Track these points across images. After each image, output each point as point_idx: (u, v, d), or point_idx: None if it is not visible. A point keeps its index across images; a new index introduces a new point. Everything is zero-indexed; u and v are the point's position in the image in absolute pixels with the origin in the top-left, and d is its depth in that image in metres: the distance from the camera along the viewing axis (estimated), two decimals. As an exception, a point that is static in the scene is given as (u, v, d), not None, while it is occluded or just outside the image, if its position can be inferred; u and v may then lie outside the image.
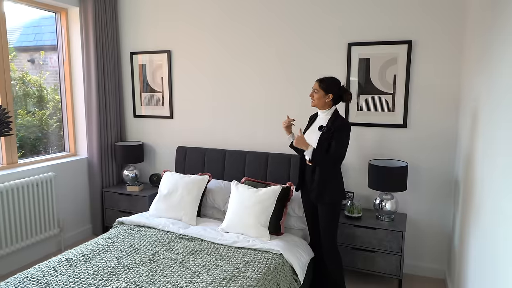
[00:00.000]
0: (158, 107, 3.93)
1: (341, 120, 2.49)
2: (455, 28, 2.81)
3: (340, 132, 2.42)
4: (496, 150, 1.71)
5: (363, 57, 3.09)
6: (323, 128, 2.47)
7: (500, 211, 1.56)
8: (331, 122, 2.46)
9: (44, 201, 3.34)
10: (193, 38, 3.67)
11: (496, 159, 1.70)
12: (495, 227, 1.63)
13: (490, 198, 1.78)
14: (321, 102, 2.48)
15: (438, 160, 2.98)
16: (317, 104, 2.50)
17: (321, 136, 2.44)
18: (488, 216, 1.78)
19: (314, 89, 2.50)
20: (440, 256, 3.07)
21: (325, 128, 2.46)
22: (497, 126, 1.73)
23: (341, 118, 2.50)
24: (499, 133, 1.67)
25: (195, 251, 2.45)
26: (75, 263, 2.23)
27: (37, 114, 3.69)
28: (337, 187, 2.51)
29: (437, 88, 2.92)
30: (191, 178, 3.11)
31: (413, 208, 3.09)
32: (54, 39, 3.75)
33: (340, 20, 3.12)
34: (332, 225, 2.54)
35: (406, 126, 3.03)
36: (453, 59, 2.85)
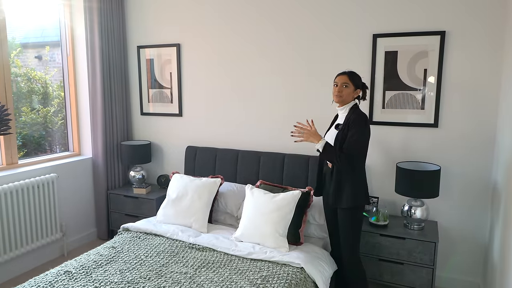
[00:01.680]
0: (167, 104, 3.70)
1: (357, 113, 2.23)
2: (495, 16, 2.53)
3: (354, 125, 2.16)
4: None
5: (389, 49, 2.82)
6: (340, 126, 2.24)
7: None
8: (347, 119, 2.22)
9: (45, 204, 3.14)
10: (204, 30, 3.42)
11: None
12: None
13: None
14: (349, 98, 2.25)
15: (474, 164, 2.70)
16: (345, 100, 2.24)
17: (337, 136, 2.22)
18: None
19: (344, 83, 2.23)
20: (475, 269, 2.80)
21: (341, 125, 2.23)
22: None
23: (358, 111, 2.25)
24: None
25: (207, 264, 2.22)
26: (74, 277, 2.02)
27: (41, 112, 3.50)
28: (356, 190, 2.22)
29: (474, 84, 2.64)
30: (202, 182, 2.88)
31: (444, 215, 2.82)
32: (58, 34, 3.54)
33: (364, 9, 2.85)
34: (352, 233, 2.29)
35: (437, 126, 2.76)
36: (493, 51, 2.56)
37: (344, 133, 2.17)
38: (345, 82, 2.23)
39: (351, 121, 2.16)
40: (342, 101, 2.25)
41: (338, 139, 2.20)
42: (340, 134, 2.19)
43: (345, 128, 2.17)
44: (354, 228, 2.29)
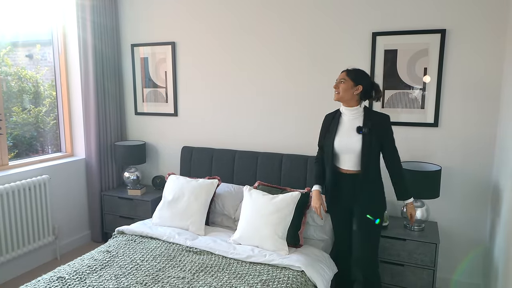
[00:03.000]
0: (162, 103, 3.63)
1: (380, 114, 2.17)
2: (496, 15, 2.50)
3: (389, 128, 2.15)
4: None
5: (389, 48, 2.78)
6: (364, 129, 2.11)
7: None
8: (369, 121, 2.12)
9: (37, 207, 3.06)
10: (200, 28, 3.35)
11: None
12: None
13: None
14: (348, 94, 2.13)
15: (474, 164, 2.67)
16: (342, 96, 2.14)
17: (365, 140, 2.10)
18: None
19: (341, 79, 2.15)
20: (475, 270, 2.77)
21: (366, 129, 2.10)
22: None
23: (377, 112, 2.20)
24: None
25: (205, 268, 2.16)
26: (67, 284, 1.94)
27: (32, 112, 3.41)
28: (382, 190, 2.24)
29: (474, 83, 2.61)
30: (199, 183, 2.81)
31: (444, 216, 2.79)
32: (50, 31, 3.45)
33: (364, 7, 2.81)
34: (376, 234, 2.25)
35: (437, 125, 2.72)
36: (494, 50, 2.53)
37: (372, 137, 2.09)
38: (342, 78, 2.15)
39: (382, 125, 2.12)
40: (341, 97, 2.15)
41: (367, 144, 2.10)
42: (368, 139, 2.10)
43: (373, 131, 2.10)
44: (379, 229, 2.25)
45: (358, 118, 2.16)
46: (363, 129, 2.11)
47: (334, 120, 2.25)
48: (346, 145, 2.15)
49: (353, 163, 2.16)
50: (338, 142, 2.17)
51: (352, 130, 2.15)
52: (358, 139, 2.12)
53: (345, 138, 2.17)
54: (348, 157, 2.17)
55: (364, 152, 2.10)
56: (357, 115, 2.16)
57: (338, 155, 2.20)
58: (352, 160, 2.16)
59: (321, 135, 2.35)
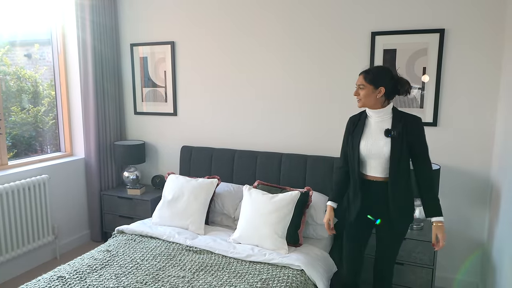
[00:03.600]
0: (161, 103, 3.63)
1: (411, 116, 1.96)
2: (495, 14, 2.51)
3: (421, 131, 1.95)
4: None
5: (388, 47, 2.79)
6: (393, 132, 1.90)
7: None
8: (399, 123, 1.92)
9: (37, 206, 3.06)
10: (199, 27, 3.36)
11: None
12: None
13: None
14: (371, 100, 1.93)
15: (473, 163, 2.68)
16: (365, 103, 1.95)
17: (394, 144, 1.90)
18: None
19: (359, 85, 1.95)
20: (473, 268, 2.78)
21: (395, 132, 1.90)
22: None
23: (407, 114, 1.98)
24: None
25: (205, 267, 2.16)
26: (68, 283, 1.95)
27: (31, 111, 3.40)
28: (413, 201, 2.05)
29: (473, 82, 2.62)
30: (198, 182, 2.82)
31: (443, 214, 2.79)
32: (49, 31, 3.45)
33: (363, 6, 2.81)
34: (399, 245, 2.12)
35: (436, 125, 2.74)
36: (493, 49, 2.54)
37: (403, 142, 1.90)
38: (360, 83, 1.95)
39: (413, 129, 1.92)
40: (364, 104, 1.97)
41: (397, 148, 1.90)
42: (398, 144, 1.90)
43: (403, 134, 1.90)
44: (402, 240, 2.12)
45: (387, 120, 1.96)
46: (392, 132, 1.91)
47: (360, 123, 2.05)
48: (374, 149, 1.95)
49: (382, 169, 1.97)
50: (364, 146, 1.98)
51: (380, 133, 1.95)
52: (387, 143, 1.92)
53: (372, 141, 1.97)
54: (375, 163, 1.98)
55: (394, 157, 1.90)
56: (385, 116, 1.97)
57: (364, 160, 2.01)
58: (380, 166, 1.97)
59: (344, 140, 2.14)
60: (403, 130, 1.90)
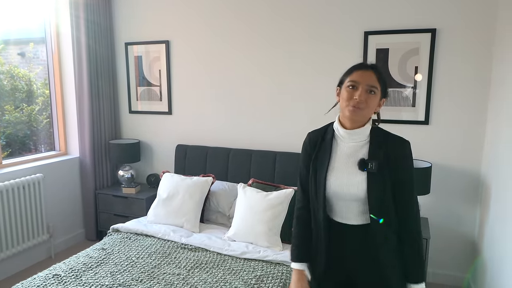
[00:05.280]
0: (156, 102, 3.64)
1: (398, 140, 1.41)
2: (486, 15, 2.55)
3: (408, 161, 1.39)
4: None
5: (381, 47, 2.82)
6: (371, 164, 1.34)
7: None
8: (379, 149, 1.37)
9: (32, 205, 3.05)
10: (194, 27, 3.37)
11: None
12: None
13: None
14: (372, 111, 1.38)
15: (464, 161, 2.73)
16: (366, 114, 1.37)
17: (372, 180, 1.34)
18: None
19: (371, 88, 1.33)
20: (464, 264, 2.83)
21: (373, 164, 1.34)
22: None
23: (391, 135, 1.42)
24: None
25: (200, 264, 2.19)
26: (63, 281, 1.96)
27: (25, 110, 3.39)
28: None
29: (465, 82, 2.66)
30: (193, 181, 2.84)
31: (435, 212, 2.84)
32: (43, 30, 3.44)
33: (356, 6, 2.85)
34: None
35: (428, 123, 2.78)
36: (483, 49, 2.59)
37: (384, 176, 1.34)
38: (373, 85, 1.34)
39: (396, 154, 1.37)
40: (364, 116, 1.37)
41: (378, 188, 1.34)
42: (378, 180, 1.34)
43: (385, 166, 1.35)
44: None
45: (363, 144, 1.41)
46: (370, 164, 1.35)
47: (324, 146, 1.46)
48: (343, 187, 1.38)
49: (357, 213, 1.41)
50: (334, 183, 1.40)
51: (353, 164, 1.39)
52: (362, 179, 1.36)
53: (341, 176, 1.40)
54: (347, 205, 1.41)
55: (372, 200, 1.34)
56: (361, 140, 1.41)
57: (332, 201, 1.43)
58: (355, 210, 1.40)
59: (302, 168, 1.52)
60: (384, 160, 1.35)
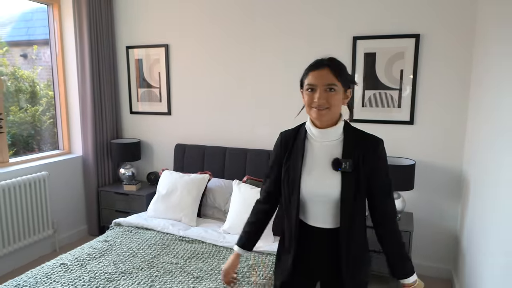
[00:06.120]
0: (156, 103, 3.80)
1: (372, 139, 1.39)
2: (466, 20, 2.71)
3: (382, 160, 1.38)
4: (507, 147, 1.61)
5: (368, 51, 2.98)
6: (345, 164, 1.32)
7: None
8: (353, 148, 1.35)
9: (37, 202, 3.21)
10: (192, 31, 3.53)
11: (505, 157, 1.61)
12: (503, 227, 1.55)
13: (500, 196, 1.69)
14: (339, 107, 1.36)
15: (446, 158, 2.89)
16: (333, 112, 1.33)
17: (346, 180, 1.33)
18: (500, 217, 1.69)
19: (329, 87, 1.31)
20: (447, 256, 2.99)
21: (348, 163, 1.32)
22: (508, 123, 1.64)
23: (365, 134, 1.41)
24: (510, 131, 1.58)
25: (197, 254, 2.35)
26: (69, 269, 2.12)
27: (29, 111, 3.55)
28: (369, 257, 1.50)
29: (447, 84, 2.82)
30: (191, 178, 3.00)
31: (419, 207, 3.00)
32: (47, 33, 3.60)
33: (345, 12, 3.00)
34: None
35: (413, 123, 2.94)
36: (464, 53, 2.74)
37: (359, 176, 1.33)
38: (331, 82, 1.31)
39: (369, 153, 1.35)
40: (332, 116, 1.34)
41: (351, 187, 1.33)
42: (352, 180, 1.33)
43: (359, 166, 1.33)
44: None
45: (336, 144, 1.37)
46: (344, 164, 1.32)
47: (297, 145, 1.44)
48: (317, 188, 1.37)
49: (329, 215, 1.39)
50: (308, 183, 1.38)
51: (327, 164, 1.36)
52: (337, 180, 1.34)
53: (316, 177, 1.38)
54: (319, 208, 1.40)
55: (346, 199, 1.34)
56: (334, 139, 1.38)
57: (306, 203, 1.42)
58: (326, 213, 1.39)
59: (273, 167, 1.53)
60: (359, 160, 1.34)
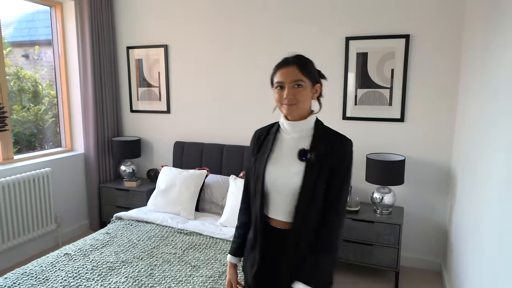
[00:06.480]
0: (155, 102, 3.91)
1: (341, 138, 1.38)
2: (454, 21, 2.81)
3: (346, 161, 1.36)
4: (494, 145, 1.72)
5: (360, 51, 3.09)
6: (310, 155, 1.33)
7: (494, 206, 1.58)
8: (321, 142, 1.35)
9: (41, 197, 3.32)
10: (190, 32, 3.64)
11: (492, 154, 1.71)
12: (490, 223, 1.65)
13: (487, 192, 1.79)
14: (308, 103, 1.38)
15: (436, 154, 2.99)
16: (302, 107, 1.36)
17: (308, 170, 1.32)
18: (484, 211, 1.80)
19: (296, 82, 1.33)
20: (436, 249, 3.10)
21: (313, 154, 1.33)
22: (494, 121, 1.74)
23: (335, 133, 1.40)
24: (496, 129, 1.68)
25: (194, 246, 2.45)
26: (73, 258, 2.23)
27: (32, 110, 3.66)
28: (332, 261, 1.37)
29: (435, 82, 2.93)
30: (189, 173, 3.10)
31: (410, 201, 3.11)
32: (49, 33, 3.71)
33: (338, 14, 3.11)
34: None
35: (403, 120, 3.04)
36: (452, 53, 2.85)
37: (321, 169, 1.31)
38: (297, 78, 1.33)
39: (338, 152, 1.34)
40: (300, 111, 1.37)
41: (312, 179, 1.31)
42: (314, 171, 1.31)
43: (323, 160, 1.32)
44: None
45: (306, 137, 1.38)
46: (309, 154, 1.33)
47: (268, 138, 1.46)
48: (280, 177, 1.35)
49: (287, 210, 1.35)
50: (272, 174, 1.36)
51: (294, 155, 1.36)
52: (299, 168, 1.33)
53: (281, 167, 1.37)
54: (280, 199, 1.36)
55: (305, 191, 1.31)
56: (305, 132, 1.39)
57: (268, 194, 1.38)
58: (286, 205, 1.35)
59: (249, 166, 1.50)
60: (324, 153, 1.33)
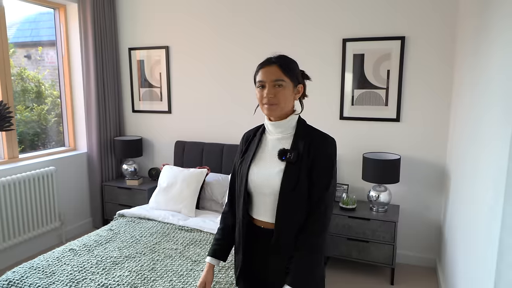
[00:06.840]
0: (157, 102, 3.99)
1: (322, 136, 1.40)
2: (448, 23, 2.89)
3: (328, 159, 1.36)
4: (484, 144, 1.79)
5: (357, 52, 3.16)
6: (290, 154, 1.34)
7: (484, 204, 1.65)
8: (301, 141, 1.37)
9: (45, 195, 3.40)
10: (191, 34, 3.72)
11: (482, 153, 1.79)
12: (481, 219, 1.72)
13: (477, 190, 1.86)
14: (290, 103, 1.40)
15: (430, 153, 3.07)
16: (283, 107, 1.37)
17: (288, 170, 1.33)
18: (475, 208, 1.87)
19: (277, 82, 1.34)
20: (431, 246, 3.17)
21: (292, 154, 1.34)
22: (485, 123, 1.81)
23: (317, 131, 1.42)
24: (486, 129, 1.75)
25: (195, 242, 2.53)
26: (78, 253, 2.31)
27: (35, 110, 3.74)
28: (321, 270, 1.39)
29: (430, 83, 3.00)
30: (190, 172, 3.18)
31: (405, 199, 3.18)
32: (51, 34, 3.79)
33: (335, 16, 3.19)
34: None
35: (399, 120, 3.11)
36: (446, 54, 2.92)
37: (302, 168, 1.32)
38: (278, 78, 1.34)
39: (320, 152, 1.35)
40: (281, 111, 1.38)
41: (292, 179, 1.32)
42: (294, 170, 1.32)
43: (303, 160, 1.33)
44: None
45: (287, 137, 1.41)
46: (289, 154, 1.34)
47: (254, 140, 1.49)
48: (263, 178, 1.37)
49: (271, 210, 1.37)
50: (256, 174, 1.39)
51: (275, 155, 1.38)
52: (279, 168, 1.35)
53: (263, 167, 1.39)
54: (263, 200, 1.38)
55: (285, 192, 1.32)
56: (287, 132, 1.41)
57: (252, 195, 1.42)
58: (269, 205, 1.37)
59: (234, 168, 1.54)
60: (304, 152, 1.34)
